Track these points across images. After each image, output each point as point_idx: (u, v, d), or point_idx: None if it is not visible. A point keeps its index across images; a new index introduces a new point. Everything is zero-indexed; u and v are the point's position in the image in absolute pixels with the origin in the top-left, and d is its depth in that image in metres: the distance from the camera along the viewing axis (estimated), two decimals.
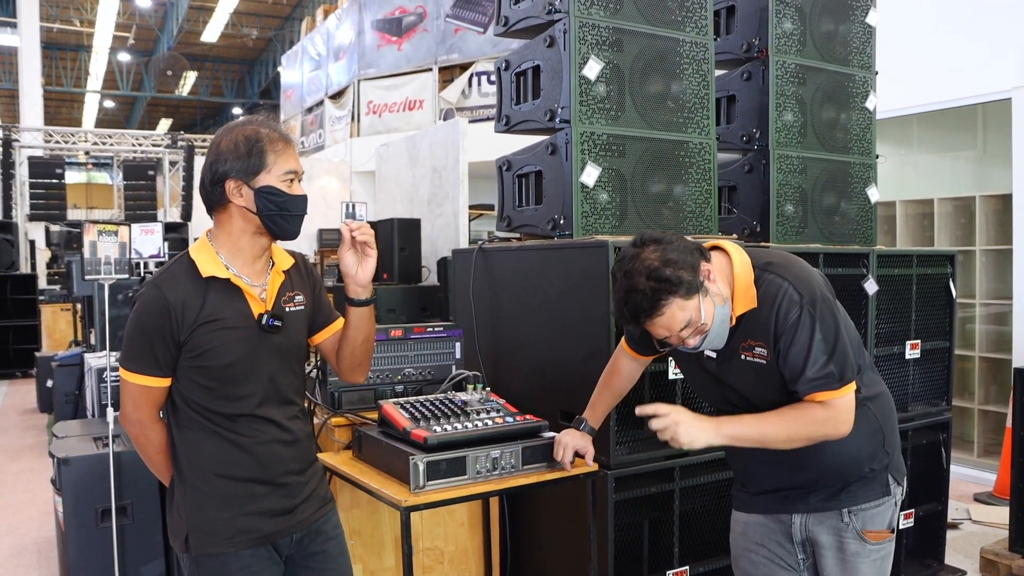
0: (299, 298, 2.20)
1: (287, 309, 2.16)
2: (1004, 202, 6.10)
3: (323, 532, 2.22)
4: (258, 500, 2.09)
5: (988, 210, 6.35)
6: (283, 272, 2.19)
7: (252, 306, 2.09)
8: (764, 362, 2.11)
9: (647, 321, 2.07)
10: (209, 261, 2.07)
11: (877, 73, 4.05)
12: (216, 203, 2.08)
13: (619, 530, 2.99)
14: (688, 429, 2.04)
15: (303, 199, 2.09)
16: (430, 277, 6.16)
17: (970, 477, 6.08)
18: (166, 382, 2.07)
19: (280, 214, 2.05)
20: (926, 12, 6.21)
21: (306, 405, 2.40)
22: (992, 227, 6.34)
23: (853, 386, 2.09)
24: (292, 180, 2.07)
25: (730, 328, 2.15)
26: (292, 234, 2.11)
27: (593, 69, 3.11)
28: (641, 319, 2.07)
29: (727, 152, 3.79)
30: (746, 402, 2.21)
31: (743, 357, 2.14)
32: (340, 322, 2.34)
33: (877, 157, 4.04)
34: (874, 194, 4.01)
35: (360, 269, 2.20)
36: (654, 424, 2.07)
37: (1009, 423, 4.43)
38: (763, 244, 3.46)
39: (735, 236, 3.50)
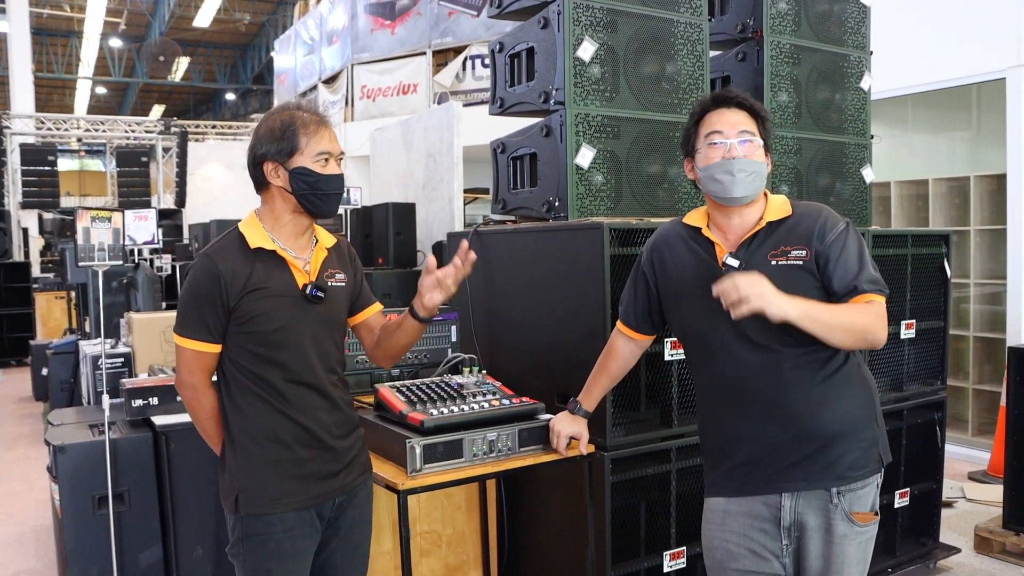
0: (340, 276, 2.31)
1: (329, 283, 2.26)
2: (998, 182, 6.10)
3: (357, 499, 2.30)
4: (305, 464, 2.19)
5: (982, 190, 6.35)
6: (326, 249, 2.29)
7: (296, 277, 2.20)
8: (800, 263, 2.13)
9: (737, 103, 2.20)
10: (257, 235, 2.19)
11: (872, 53, 4.04)
12: (259, 184, 2.22)
13: (616, 511, 3.00)
14: (775, 303, 1.96)
15: (337, 178, 2.20)
16: (425, 261, 6.14)
17: (965, 456, 6.11)
18: (217, 348, 2.18)
19: (314, 193, 2.16)
20: None
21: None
22: (986, 207, 6.34)
23: None
24: (327, 160, 2.18)
25: (758, 236, 2.18)
26: (328, 212, 2.23)
27: (587, 50, 3.10)
28: (739, 95, 2.21)
29: None
30: (759, 315, 2.03)
31: (772, 263, 2.15)
32: (377, 307, 2.48)
33: (872, 137, 4.04)
34: (869, 174, 4.00)
35: (433, 295, 2.35)
36: (740, 312, 1.96)
37: (1003, 402, 4.45)
38: None
39: None
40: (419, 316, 2.38)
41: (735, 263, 2.16)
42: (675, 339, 3.04)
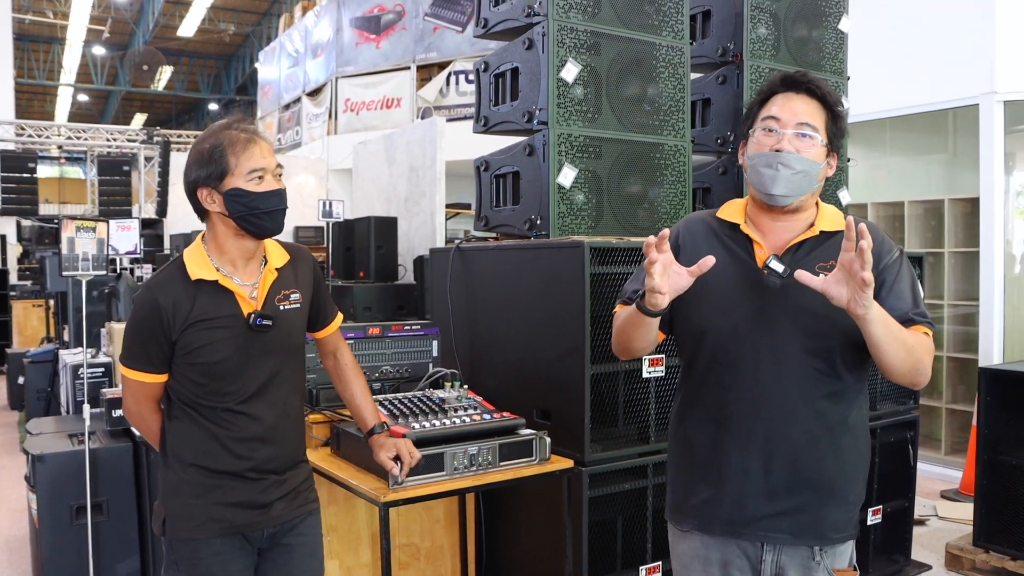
0: (295, 296, 2.24)
1: (280, 307, 2.20)
2: (972, 205, 6.21)
3: (297, 529, 2.25)
4: (230, 492, 2.14)
5: (957, 213, 6.46)
6: (276, 270, 2.22)
7: (242, 306, 2.13)
8: None
9: (807, 88, 1.95)
10: (199, 264, 2.13)
11: (849, 78, 4.12)
12: (199, 212, 2.15)
13: (593, 526, 3.04)
14: (873, 307, 1.73)
15: (275, 194, 2.11)
16: (406, 275, 6.18)
17: (937, 475, 6.19)
18: (162, 378, 2.15)
19: (252, 213, 2.08)
20: (899, 20, 6.30)
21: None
22: (960, 229, 6.45)
23: None
24: (261, 177, 2.09)
25: (808, 243, 1.95)
26: (271, 231, 2.14)
27: (571, 72, 3.16)
28: (812, 81, 1.96)
29: (702, 154, 3.85)
30: (800, 330, 1.90)
31: (822, 276, 1.83)
32: (334, 326, 2.45)
33: (849, 160, 4.12)
34: (845, 196, 4.08)
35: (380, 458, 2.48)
36: (856, 309, 1.72)
37: (975, 422, 4.52)
38: None
39: None
40: (364, 434, 2.51)
41: (780, 268, 1.91)
42: (654, 356, 3.10)
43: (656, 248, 1.78)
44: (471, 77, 3.48)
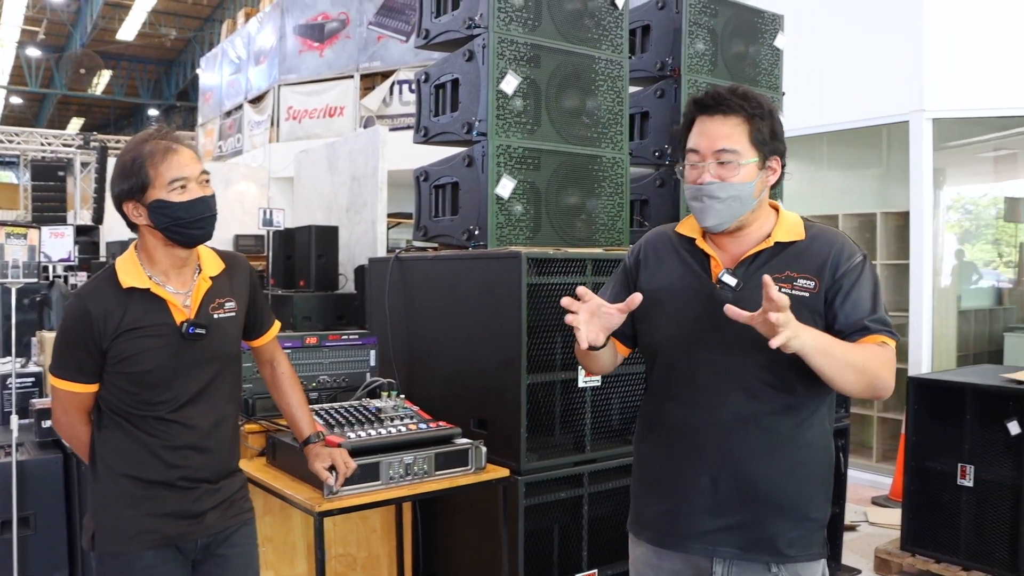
0: (229, 304, 2.23)
1: (214, 316, 2.18)
2: (904, 219, 6.38)
3: (231, 539, 2.23)
4: (162, 502, 2.11)
5: (889, 226, 6.63)
6: (210, 279, 2.20)
7: (175, 315, 2.11)
8: (805, 295, 1.88)
9: (720, 109, 1.90)
10: (131, 272, 2.10)
11: (784, 94, 4.21)
12: (129, 224, 2.13)
13: (529, 535, 3.05)
14: (800, 336, 1.70)
15: (200, 202, 2.08)
16: (347, 285, 6.15)
17: (868, 481, 6.32)
18: (92, 388, 2.11)
19: (177, 223, 2.06)
20: (834, 38, 6.46)
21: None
22: (892, 242, 6.62)
23: None
24: (184, 186, 2.06)
25: (763, 255, 1.93)
26: (200, 238, 2.13)
27: (511, 84, 3.18)
28: (724, 99, 1.90)
29: (640, 167, 3.90)
30: (751, 345, 1.82)
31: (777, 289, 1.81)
32: (271, 335, 2.44)
33: (785, 173, 4.20)
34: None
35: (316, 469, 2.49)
36: (779, 341, 1.67)
37: (903, 430, 4.64)
38: None
39: None
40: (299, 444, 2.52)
41: (732, 281, 1.92)
42: None
43: (576, 304, 1.82)
44: (415, 87, 3.52)
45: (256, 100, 14.70)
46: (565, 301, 1.85)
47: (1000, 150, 8.96)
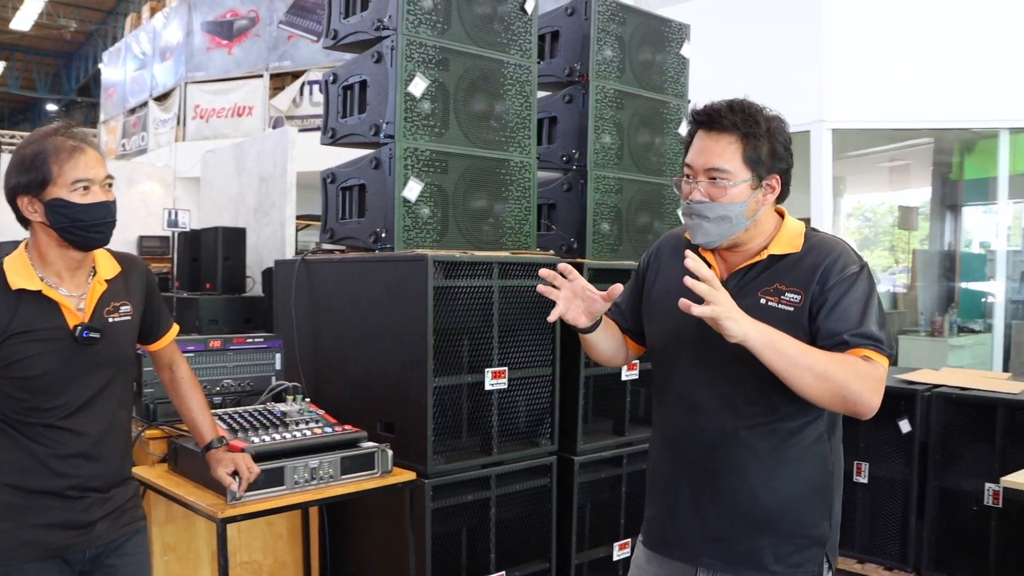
0: (125, 308, 2.17)
1: (109, 320, 2.12)
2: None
3: (122, 549, 2.17)
4: (48, 512, 2.04)
5: None
6: (105, 281, 2.14)
7: (68, 318, 2.04)
8: (790, 309, 1.84)
9: (715, 126, 1.88)
10: (21, 273, 2.02)
11: (690, 102, 4.30)
12: (20, 220, 2.05)
13: (437, 538, 3.06)
14: (735, 319, 1.69)
15: (101, 206, 2.02)
16: (255, 287, 6.05)
17: None
18: None
19: (74, 225, 1.99)
20: (738, 48, 6.64)
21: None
22: None
23: (887, 372, 1.81)
24: (87, 188, 2.00)
25: (756, 267, 1.92)
26: (96, 243, 2.07)
27: (419, 86, 3.18)
28: (719, 116, 1.87)
29: (548, 171, 3.93)
30: (735, 357, 1.82)
31: (762, 301, 1.87)
32: (169, 338, 2.39)
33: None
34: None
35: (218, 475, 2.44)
36: (703, 310, 1.67)
37: None
38: (579, 260, 3.61)
39: (552, 252, 3.64)
40: (201, 449, 2.47)
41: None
42: (496, 369, 3.15)
43: (558, 280, 1.88)
44: (323, 88, 3.49)
45: (162, 97, 14.32)
46: (544, 272, 1.88)
47: (896, 161, 9.33)
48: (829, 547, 1.94)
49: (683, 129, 4.23)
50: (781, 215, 2.00)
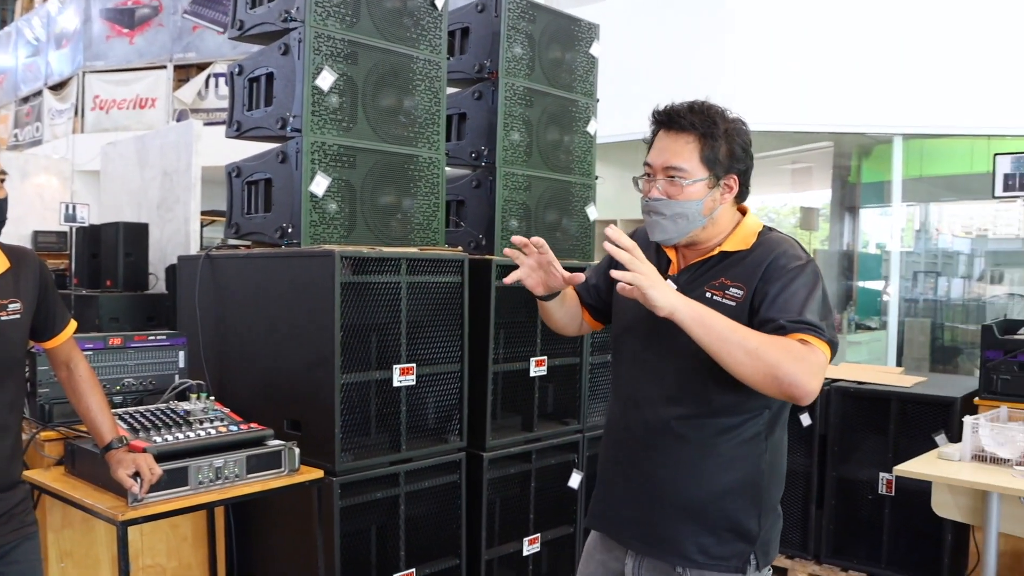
0: (13, 306, 2.10)
1: None
2: None
3: (10, 556, 2.10)
4: None
5: None
6: None
7: None
8: (733, 304, 1.88)
9: (673, 126, 1.93)
10: None
11: (598, 100, 4.35)
12: None
13: (346, 536, 3.03)
14: (659, 288, 1.73)
15: None
16: (158, 284, 5.90)
17: None
18: None
19: None
20: (648, 51, 6.74)
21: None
22: None
23: (829, 361, 1.81)
24: None
25: (708, 263, 1.97)
26: None
27: (326, 80, 3.15)
28: (678, 116, 1.92)
29: (456, 167, 3.93)
30: (676, 350, 1.90)
31: (707, 295, 1.91)
32: (66, 335, 2.31)
33: (596, 178, 4.34)
34: (593, 212, 4.30)
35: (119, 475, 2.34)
36: (623, 275, 1.72)
37: None
38: (487, 257, 3.62)
39: (460, 248, 3.64)
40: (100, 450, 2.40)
41: (673, 287, 1.87)
42: (405, 366, 3.14)
43: (529, 248, 1.98)
44: (228, 80, 3.41)
45: (58, 87, 13.80)
46: (516, 239, 1.97)
47: (798, 163, 9.61)
48: (759, 546, 1.95)
49: (592, 127, 4.28)
50: (744, 213, 2.05)
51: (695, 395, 1.93)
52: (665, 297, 1.72)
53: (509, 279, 1.99)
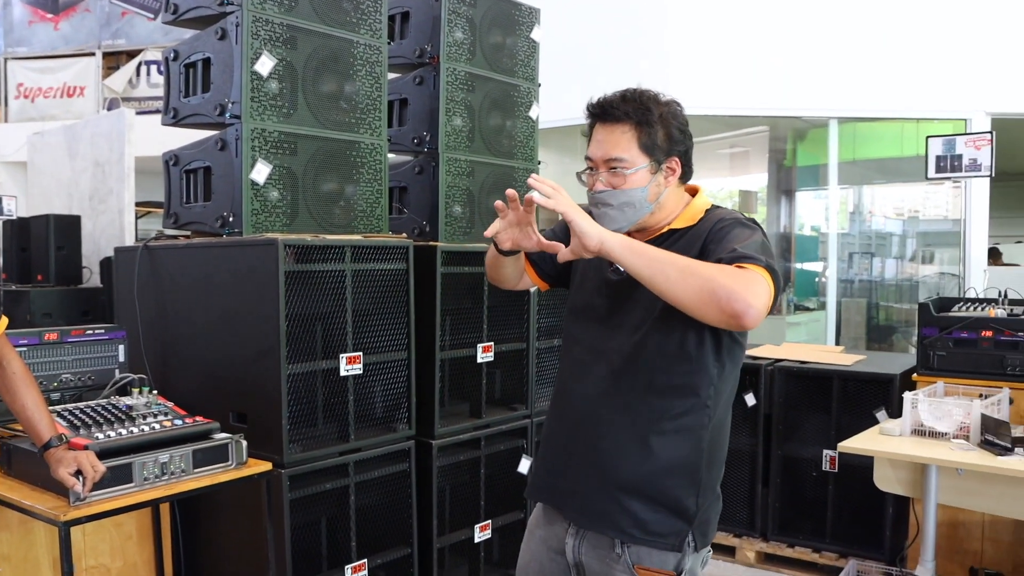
0: None
1: None
2: None
3: None
4: None
5: None
6: None
7: None
8: None
9: (607, 118, 1.95)
10: None
11: (540, 85, 4.34)
12: None
13: (296, 529, 2.99)
14: (587, 220, 1.75)
15: None
16: (92, 278, 5.75)
17: None
18: None
19: None
20: (585, 34, 6.75)
21: None
22: None
23: (773, 289, 1.75)
24: None
25: (654, 242, 1.94)
26: None
27: (266, 65, 3.08)
28: (611, 107, 1.94)
29: (398, 154, 3.89)
30: (623, 328, 1.96)
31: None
32: (2, 325, 2.26)
33: (539, 163, 4.33)
34: (536, 197, 4.29)
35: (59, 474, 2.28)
36: (543, 200, 1.75)
37: None
38: (432, 243, 3.59)
39: (404, 235, 3.60)
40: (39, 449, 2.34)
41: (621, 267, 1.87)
42: (351, 355, 3.10)
43: (511, 207, 1.90)
44: (163, 66, 3.33)
45: None
46: (509, 192, 1.91)
47: (735, 147, 9.72)
48: (697, 526, 1.97)
49: (534, 112, 4.27)
50: (694, 193, 2.08)
51: (640, 374, 1.95)
52: (594, 228, 1.74)
53: (488, 232, 1.97)
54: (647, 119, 1.93)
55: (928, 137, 4.87)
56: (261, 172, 3.06)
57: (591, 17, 6.84)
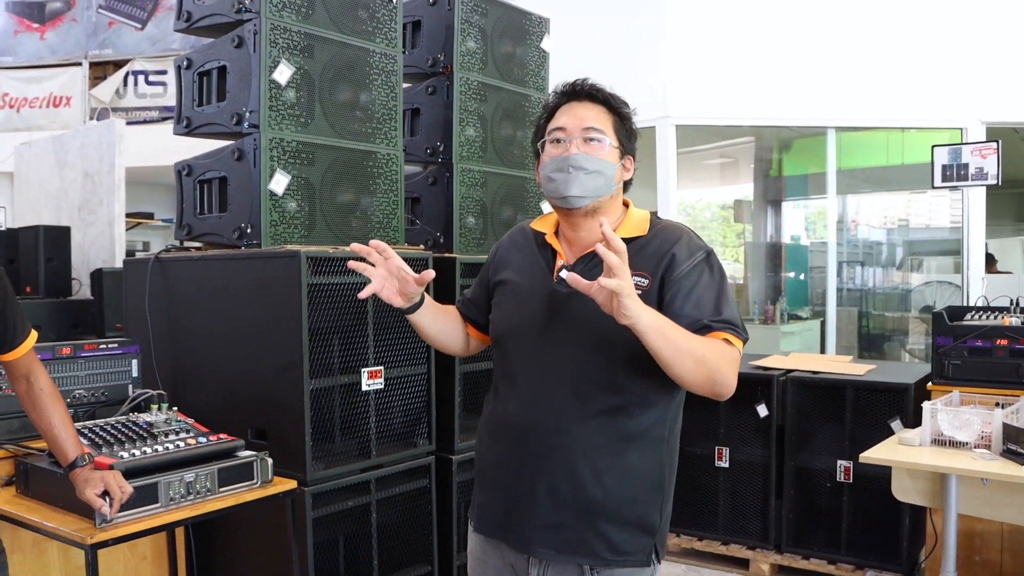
0: None
1: None
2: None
3: None
4: None
5: None
6: None
7: None
8: (640, 293, 1.77)
9: (588, 96, 1.99)
10: None
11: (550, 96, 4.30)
12: None
13: (317, 548, 2.91)
14: (634, 298, 1.67)
15: None
16: (82, 290, 5.65)
17: None
18: None
19: None
20: (593, 44, 6.73)
21: None
22: None
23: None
24: None
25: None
26: None
27: (284, 74, 3.02)
28: (593, 89, 2.00)
29: (411, 164, 3.84)
30: (579, 343, 1.90)
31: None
32: (26, 346, 2.17)
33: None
34: (547, 208, 4.25)
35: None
36: (609, 283, 1.64)
37: None
38: (449, 255, 3.54)
39: (421, 247, 3.55)
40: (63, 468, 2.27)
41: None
42: (373, 369, 3.04)
43: (374, 256, 1.97)
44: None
45: None
46: (355, 246, 1.94)
47: (726, 158, 9.76)
48: (658, 538, 1.96)
49: None
50: (626, 206, 2.06)
51: (609, 389, 1.89)
52: (636, 306, 1.68)
53: (363, 294, 1.96)
54: (622, 110, 2.01)
55: (933, 146, 4.87)
56: (280, 183, 2.99)
57: (583, 28, 6.83)
